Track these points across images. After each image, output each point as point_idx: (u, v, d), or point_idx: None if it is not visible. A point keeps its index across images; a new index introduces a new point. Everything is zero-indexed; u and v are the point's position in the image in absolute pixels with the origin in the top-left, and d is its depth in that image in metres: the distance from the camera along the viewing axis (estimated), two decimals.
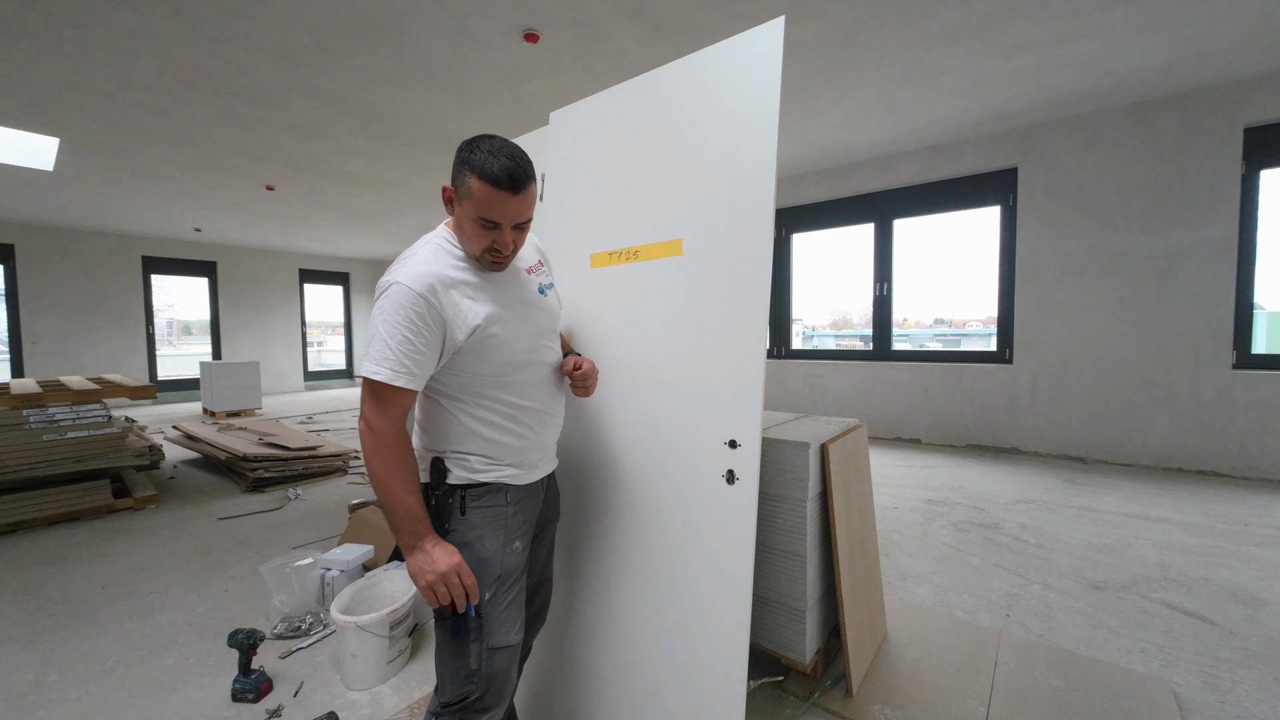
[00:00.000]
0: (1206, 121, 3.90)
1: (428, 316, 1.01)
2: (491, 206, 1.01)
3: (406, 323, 0.99)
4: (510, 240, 1.07)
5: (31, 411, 3.37)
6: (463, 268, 1.09)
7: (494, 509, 1.12)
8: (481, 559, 1.08)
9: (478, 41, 3.18)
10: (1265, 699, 1.61)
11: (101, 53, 3.19)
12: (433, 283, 1.02)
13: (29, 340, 7.74)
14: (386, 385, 0.99)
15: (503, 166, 0.99)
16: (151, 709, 1.66)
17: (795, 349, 6.20)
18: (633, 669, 1.34)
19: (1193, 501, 3.35)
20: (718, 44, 1.32)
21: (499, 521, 1.12)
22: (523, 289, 1.17)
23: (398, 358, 0.99)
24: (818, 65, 3.53)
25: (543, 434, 1.20)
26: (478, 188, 1.00)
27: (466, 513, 1.09)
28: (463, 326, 1.04)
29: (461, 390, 1.11)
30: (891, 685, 1.68)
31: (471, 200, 1.01)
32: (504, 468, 1.14)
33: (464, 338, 1.04)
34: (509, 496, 1.14)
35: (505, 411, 1.13)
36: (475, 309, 1.06)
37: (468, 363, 1.08)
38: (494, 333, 1.08)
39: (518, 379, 1.14)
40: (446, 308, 1.03)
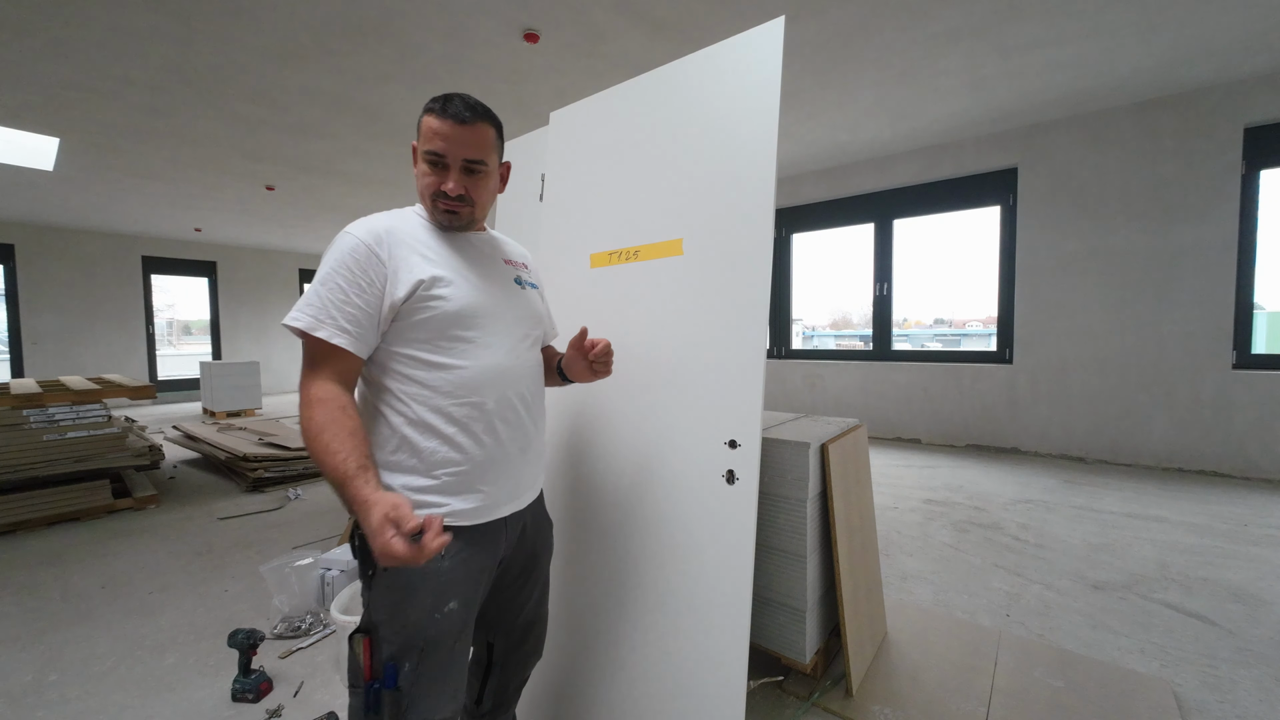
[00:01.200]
0: (1206, 121, 3.90)
1: (368, 266, 0.89)
2: (436, 137, 0.93)
3: (343, 269, 0.87)
4: (460, 184, 0.96)
5: (31, 411, 3.37)
6: (426, 230, 0.99)
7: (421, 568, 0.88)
8: (404, 629, 0.88)
9: (478, 41, 3.18)
10: (1265, 699, 1.61)
11: (101, 53, 3.19)
12: (381, 233, 0.92)
13: (29, 340, 7.74)
14: (309, 338, 0.85)
15: (451, 98, 0.94)
16: (151, 709, 1.66)
17: (795, 349, 6.20)
18: (633, 669, 1.34)
19: (1193, 501, 3.35)
20: (718, 44, 1.32)
21: (427, 583, 0.89)
22: (493, 269, 1.05)
23: (324, 305, 0.86)
24: (818, 65, 3.53)
25: (498, 447, 0.97)
26: (425, 122, 0.94)
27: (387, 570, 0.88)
28: (403, 281, 0.91)
29: (392, 374, 0.93)
30: (891, 685, 1.68)
31: (421, 136, 0.95)
32: (443, 500, 0.91)
33: (404, 293, 0.90)
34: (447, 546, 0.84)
35: (444, 407, 0.92)
36: (423, 265, 0.93)
37: (404, 330, 0.92)
38: (439, 294, 0.93)
39: (464, 364, 0.96)
40: (394, 260, 0.91)
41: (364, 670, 0.87)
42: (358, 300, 0.88)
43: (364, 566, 0.92)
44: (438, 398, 0.92)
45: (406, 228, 0.97)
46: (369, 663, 0.88)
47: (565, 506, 1.51)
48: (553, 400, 1.58)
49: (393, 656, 0.87)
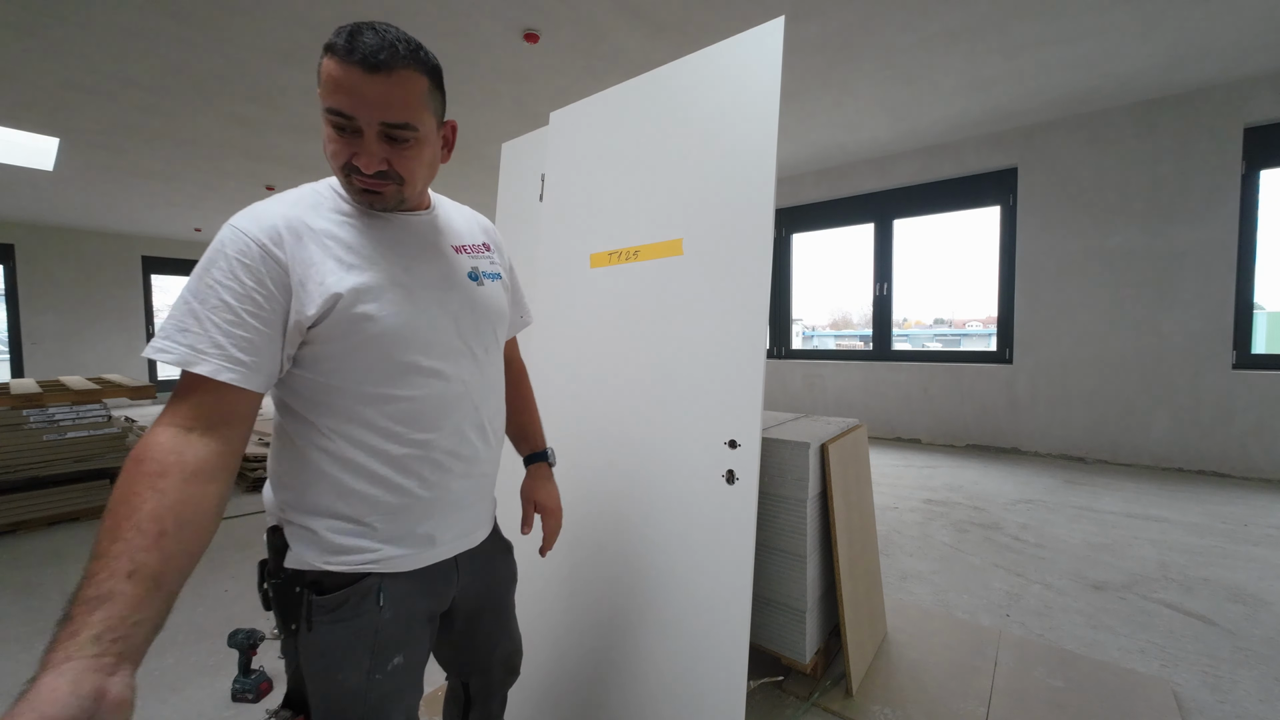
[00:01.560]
0: (1206, 121, 3.90)
1: (263, 274, 0.66)
2: (339, 90, 0.66)
3: (228, 279, 0.64)
4: (378, 155, 0.70)
5: (31, 411, 3.37)
6: (342, 219, 0.75)
7: (356, 622, 0.74)
8: (339, 697, 0.74)
9: (478, 41, 3.18)
10: (1265, 699, 1.61)
11: (101, 53, 3.19)
12: (279, 227, 0.69)
13: (29, 340, 7.74)
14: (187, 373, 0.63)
15: (360, 31, 0.67)
16: (151, 709, 1.66)
17: (795, 349, 6.20)
18: (632, 669, 1.34)
19: (1193, 501, 3.35)
20: (718, 44, 1.32)
21: (363, 640, 0.75)
22: (438, 265, 0.82)
23: (205, 330, 0.63)
24: (818, 65, 3.53)
25: (445, 489, 0.81)
26: (324, 67, 0.68)
27: (314, 628, 0.73)
28: (315, 294, 0.68)
29: (314, 406, 0.74)
30: (891, 685, 1.68)
31: (321, 87, 0.68)
32: (376, 545, 0.76)
33: (315, 311, 0.68)
34: (383, 597, 0.75)
35: (383, 449, 0.75)
36: (340, 274, 0.71)
37: (324, 358, 0.72)
38: (365, 312, 0.71)
39: (407, 394, 0.76)
40: (300, 264, 0.69)
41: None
42: (252, 321, 0.65)
43: (284, 620, 0.74)
44: (372, 436, 0.75)
45: (314, 216, 0.73)
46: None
47: (564, 507, 1.51)
48: (552, 400, 1.59)
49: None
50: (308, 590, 0.73)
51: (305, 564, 0.74)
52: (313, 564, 0.73)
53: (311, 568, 0.74)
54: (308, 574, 0.74)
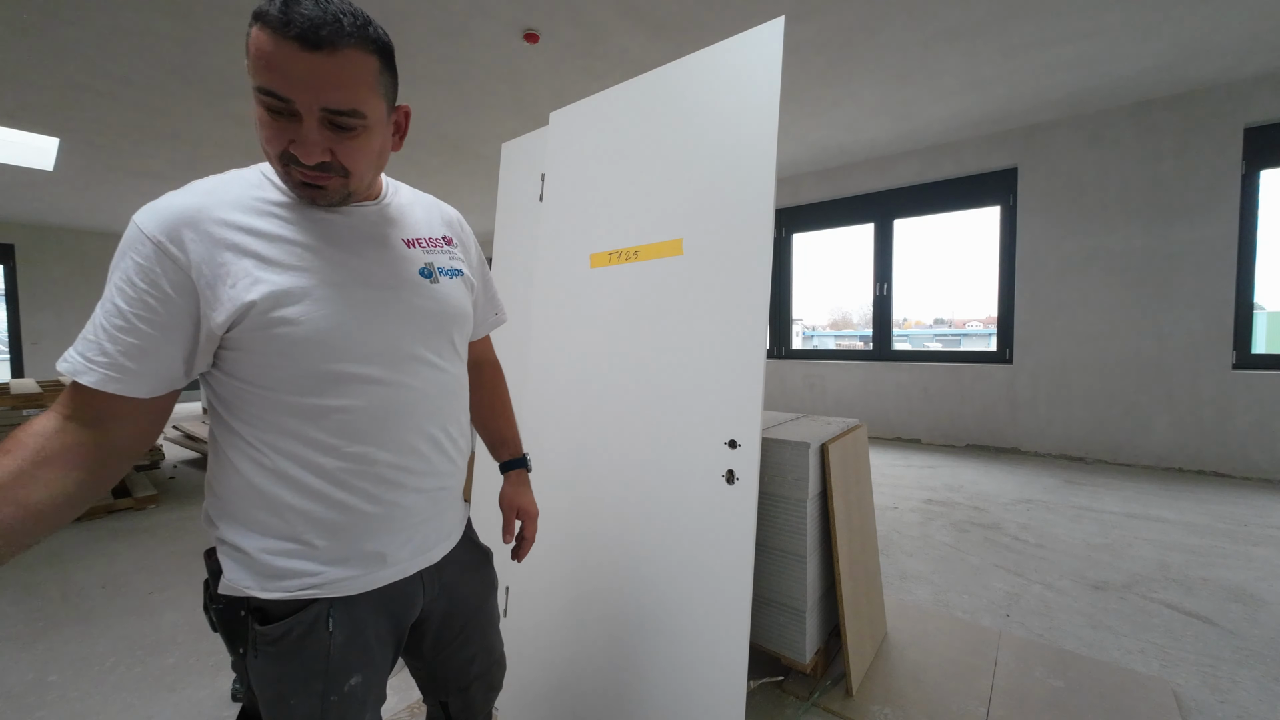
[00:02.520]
0: (1206, 121, 3.90)
1: (158, 275, 0.60)
2: (272, 68, 0.58)
3: (123, 281, 0.61)
4: (320, 144, 0.62)
5: (31, 411, 3.37)
6: (268, 209, 0.67)
7: (304, 652, 0.69)
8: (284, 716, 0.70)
9: (478, 41, 3.18)
10: (1265, 699, 1.61)
11: (101, 53, 3.19)
12: (178, 223, 0.61)
13: (29, 340, 7.74)
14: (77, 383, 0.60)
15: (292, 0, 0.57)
16: (151, 709, 1.66)
17: (795, 349, 6.20)
18: (632, 669, 1.34)
19: (1193, 501, 3.35)
20: (718, 44, 1.32)
21: (313, 666, 0.69)
22: (382, 261, 0.74)
23: (97, 337, 0.61)
24: (818, 65, 3.53)
25: (395, 504, 0.75)
26: (253, 38, 0.58)
27: (260, 657, 0.68)
28: (223, 303, 0.62)
29: (239, 412, 0.68)
30: (891, 685, 1.68)
31: (249, 62, 0.59)
32: (318, 568, 0.69)
33: (224, 319, 0.62)
34: (333, 622, 0.70)
35: (314, 461, 0.69)
36: (256, 276, 0.63)
37: (243, 365, 0.66)
38: (285, 316, 0.64)
39: (337, 404, 0.69)
40: (205, 264, 0.61)
41: None
42: (144, 327, 0.61)
43: (231, 643, 0.70)
44: (302, 448, 0.68)
45: (232, 207, 0.65)
46: None
47: (565, 507, 1.51)
48: (552, 400, 1.59)
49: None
50: (250, 616, 0.68)
51: (238, 589, 0.68)
52: (247, 589, 0.68)
53: (249, 595, 0.68)
54: (247, 604, 0.69)
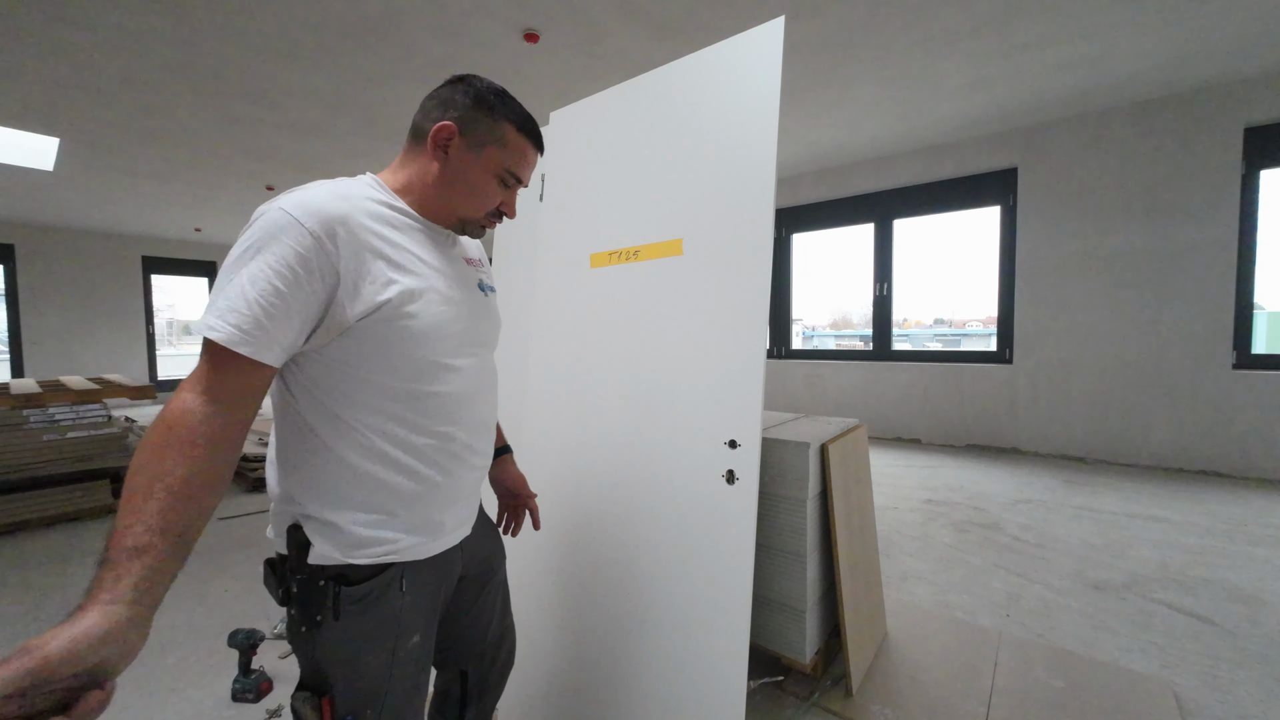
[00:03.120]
0: (1206, 121, 3.90)
1: (315, 267, 0.68)
2: (525, 163, 0.88)
3: (280, 265, 0.66)
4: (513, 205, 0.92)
5: (31, 411, 3.37)
6: (395, 221, 0.79)
7: (380, 606, 0.78)
8: (364, 677, 0.78)
9: (478, 41, 3.18)
10: (1265, 699, 1.61)
11: (101, 53, 3.19)
12: (332, 221, 0.70)
13: (29, 340, 7.74)
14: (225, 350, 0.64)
15: (535, 124, 0.88)
16: (151, 709, 1.66)
17: (795, 349, 6.20)
18: (632, 669, 1.34)
19: (1193, 501, 3.35)
20: (718, 44, 1.32)
21: (387, 625, 0.79)
22: (460, 273, 0.90)
23: (252, 312, 0.65)
24: (818, 65, 3.53)
25: (459, 478, 0.87)
26: (514, 139, 0.85)
27: (341, 617, 0.76)
28: (363, 297, 0.72)
29: (343, 399, 0.76)
30: (891, 685, 1.68)
31: (503, 150, 0.84)
32: (397, 535, 0.79)
33: (358, 313, 0.72)
34: (405, 584, 0.80)
35: (407, 440, 0.79)
36: (389, 277, 0.74)
37: (359, 358, 0.75)
38: (408, 312, 0.76)
39: (433, 390, 0.81)
40: (346, 264, 0.71)
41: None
42: (298, 309, 0.68)
43: (305, 613, 0.75)
44: (400, 429, 0.78)
45: (364, 216, 0.75)
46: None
47: (565, 507, 1.51)
48: (552, 400, 1.59)
49: (353, 710, 0.77)
50: (333, 583, 0.75)
51: (330, 559, 0.75)
52: (339, 558, 0.75)
53: (338, 563, 0.76)
54: (330, 568, 0.76)
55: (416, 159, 0.85)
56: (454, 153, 0.83)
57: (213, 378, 0.65)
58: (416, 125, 0.85)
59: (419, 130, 0.84)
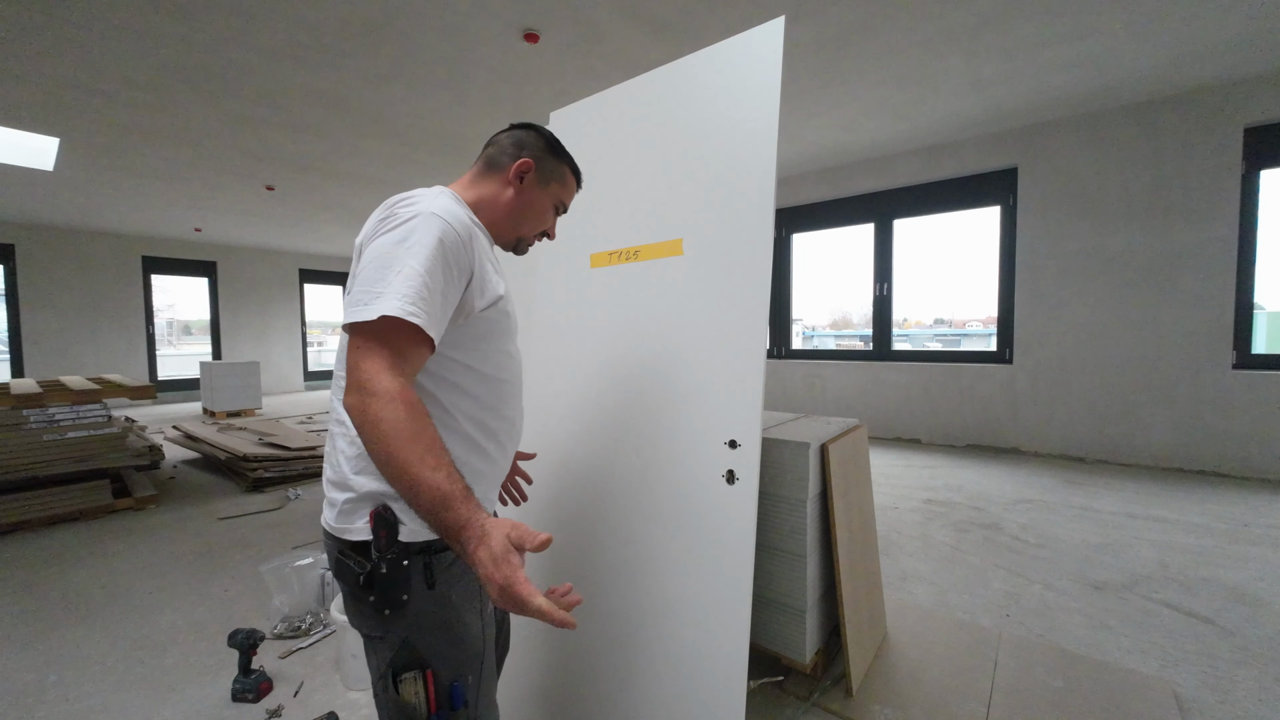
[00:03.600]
0: (1206, 121, 3.90)
1: (463, 263, 0.81)
2: (571, 197, 1.09)
3: (441, 261, 0.77)
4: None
5: (31, 411, 3.37)
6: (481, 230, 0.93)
7: (466, 569, 0.85)
8: (466, 640, 0.85)
9: (478, 41, 3.18)
10: (1265, 699, 1.61)
11: (101, 53, 3.19)
12: (472, 229, 0.85)
13: (29, 340, 7.74)
14: (417, 331, 0.73)
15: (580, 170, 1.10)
16: (151, 709, 1.66)
17: (795, 349, 6.20)
18: (632, 669, 1.34)
19: (1192, 501, 3.35)
20: (718, 44, 1.32)
21: (474, 586, 0.87)
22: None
23: (432, 299, 0.75)
24: (818, 65, 3.53)
25: (509, 457, 1.00)
26: (570, 179, 1.06)
27: (436, 585, 0.82)
28: (487, 291, 0.86)
29: (446, 387, 0.86)
30: (891, 685, 1.68)
31: (563, 187, 1.05)
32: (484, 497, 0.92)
33: (483, 305, 0.86)
34: None
35: (486, 423, 0.91)
36: (496, 278, 0.90)
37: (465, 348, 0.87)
38: (507, 309, 0.92)
39: (505, 377, 0.94)
40: (477, 263, 0.84)
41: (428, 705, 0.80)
42: (453, 299, 0.80)
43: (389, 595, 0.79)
44: (481, 411, 0.90)
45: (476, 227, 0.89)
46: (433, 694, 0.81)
47: (565, 507, 1.51)
48: (552, 400, 1.59)
49: (457, 675, 0.83)
50: (421, 556, 0.81)
51: (417, 535, 0.81)
52: (427, 535, 0.81)
53: (422, 538, 0.81)
54: (415, 545, 0.81)
55: (491, 184, 0.99)
56: (528, 184, 1.00)
57: (404, 360, 0.73)
58: (493, 158, 1.00)
59: (497, 162, 0.99)
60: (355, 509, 0.82)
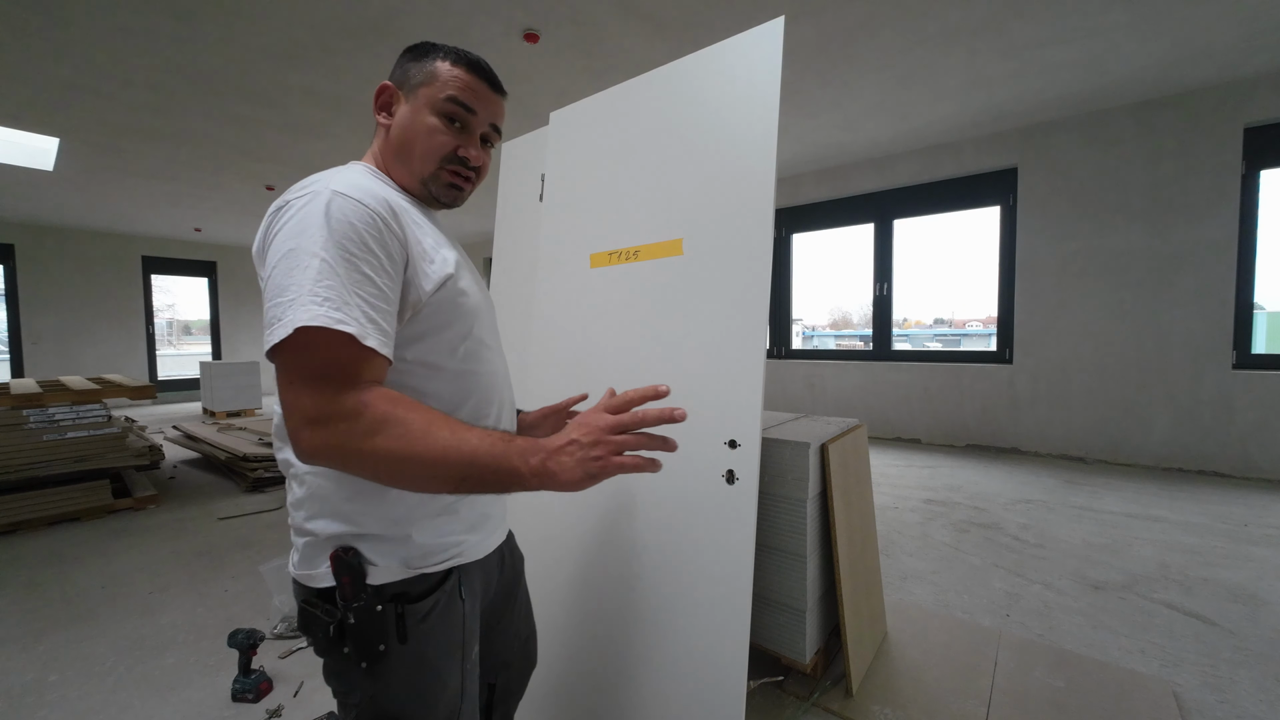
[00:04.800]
0: (1206, 121, 3.90)
1: (389, 247, 0.65)
2: (468, 91, 0.76)
3: (363, 251, 0.62)
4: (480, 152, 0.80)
5: (31, 411, 3.37)
6: (407, 197, 0.78)
7: (447, 617, 0.74)
8: (442, 699, 0.73)
9: (478, 41, 3.18)
10: (1265, 699, 1.61)
11: (101, 53, 3.19)
12: (391, 203, 0.68)
13: (29, 340, 7.74)
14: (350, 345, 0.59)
15: (475, 57, 0.78)
16: (151, 709, 1.66)
17: (795, 349, 6.20)
18: (632, 669, 1.34)
19: (1192, 501, 3.35)
20: (718, 44, 1.32)
21: (455, 638, 0.75)
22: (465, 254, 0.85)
23: (359, 303, 0.60)
24: (818, 65, 3.53)
25: None
26: (446, 70, 0.75)
27: (409, 640, 0.70)
28: (434, 272, 0.70)
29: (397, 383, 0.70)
30: (891, 685, 1.68)
31: (437, 83, 0.75)
32: (460, 536, 0.76)
33: (431, 287, 0.69)
34: (464, 590, 0.76)
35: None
36: (442, 255, 0.73)
37: (422, 336, 0.72)
38: (462, 288, 0.74)
39: (479, 370, 0.79)
40: (411, 242, 0.69)
41: None
42: (389, 293, 0.64)
43: (364, 647, 0.68)
44: (455, 414, 0.73)
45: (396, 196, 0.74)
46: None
47: (565, 507, 1.51)
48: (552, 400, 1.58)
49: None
50: (394, 604, 0.69)
51: (393, 576, 0.70)
52: (401, 572, 0.70)
53: (396, 579, 0.70)
54: (388, 588, 0.70)
55: (375, 136, 0.81)
56: (397, 111, 0.78)
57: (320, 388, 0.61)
58: None
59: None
60: (316, 553, 0.71)
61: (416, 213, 0.76)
